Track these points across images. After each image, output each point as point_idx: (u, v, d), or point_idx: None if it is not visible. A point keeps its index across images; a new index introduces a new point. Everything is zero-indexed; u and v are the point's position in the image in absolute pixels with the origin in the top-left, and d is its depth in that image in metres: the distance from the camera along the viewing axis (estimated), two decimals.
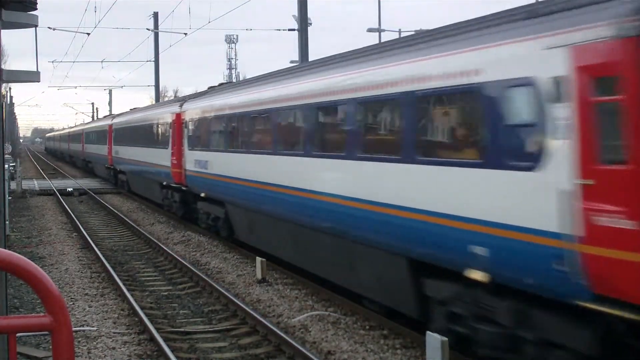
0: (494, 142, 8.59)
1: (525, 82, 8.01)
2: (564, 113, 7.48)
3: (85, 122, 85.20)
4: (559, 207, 7.55)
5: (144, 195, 33.36)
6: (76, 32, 41.44)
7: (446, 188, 9.51)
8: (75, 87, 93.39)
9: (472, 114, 9.30)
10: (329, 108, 13.27)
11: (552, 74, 7.61)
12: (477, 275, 8.86)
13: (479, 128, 8.99)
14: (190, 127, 23.36)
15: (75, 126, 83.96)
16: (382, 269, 11.67)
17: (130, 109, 43.98)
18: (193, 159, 22.61)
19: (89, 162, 56.30)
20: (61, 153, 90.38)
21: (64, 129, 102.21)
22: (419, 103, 10.18)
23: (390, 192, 10.90)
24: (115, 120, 42.79)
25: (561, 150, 7.54)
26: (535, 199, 7.92)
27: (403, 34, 38.13)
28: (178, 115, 24.93)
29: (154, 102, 55.61)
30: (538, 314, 8.28)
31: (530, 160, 7.97)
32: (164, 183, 26.91)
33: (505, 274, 8.53)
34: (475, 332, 9.33)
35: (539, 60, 7.82)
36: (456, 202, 9.27)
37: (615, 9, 7.14)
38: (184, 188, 24.23)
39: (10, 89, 72.84)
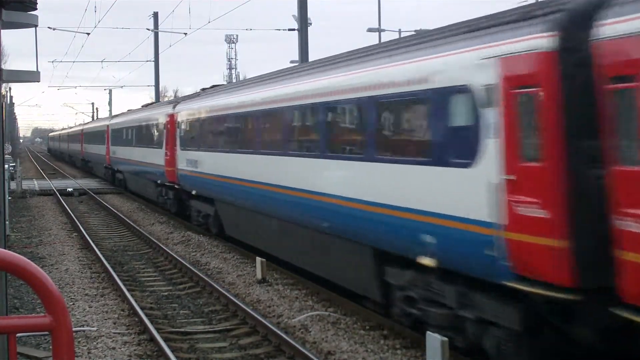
0: (439, 142, 9.77)
1: (463, 90, 9.13)
2: (493, 117, 8.61)
3: (85, 122, 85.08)
4: (489, 199, 8.68)
5: (140, 194, 34.21)
6: (76, 32, 41.52)
7: (401, 183, 10.68)
8: (75, 87, 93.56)
9: (422, 117, 10.43)
10: (303, 110, 14.41)
11: (485, 82, 8.73)
12: (426, 261, 9.94)
13: (426, 130, 10.20)
14: (183, 127, 24.35)
15: (75, 126, 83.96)
16: (350, 258, 12.74)
17: (128, 110, 44.87)
18: (185, 159, 23.61)
19: (88, 162, 57.13)
20: (69, 156, 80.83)
21: (68, 127, 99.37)
22: (379, 107, 11.37)
23: (355, 188, 12.01)
24: (113, 121, 43.77)
25: (491, 149, 8.66)
26: (472, 193, 9.01)
27: (403, 34, 38.15)
28: (171, 116, 25.78)
29: (154, 102, 55.62)
30: (477, 295, 9.33)
31: (467, 158, 9.05)
32: (159, 182, 27.85)
33: (449, 260, 9.62)
34: (427, 314, 10.42)
35: (474, 70, 8.94)
36: (409, 195, 10.40)
37: (531, 28, 8.28)
38: (177, 186, 25.17)
39: (10, 89, 72.90)
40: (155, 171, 27.82)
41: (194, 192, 22.82)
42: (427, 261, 9.89)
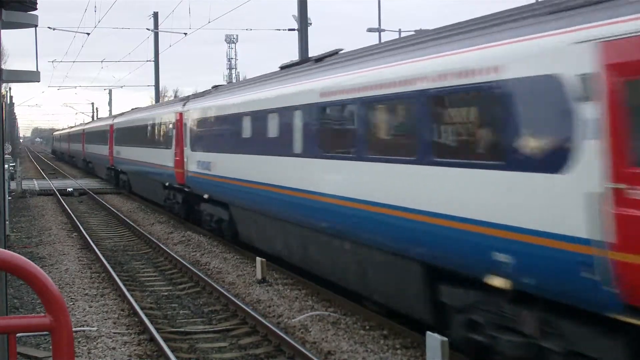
0: (519, 143, 8.48)
1: (552, 80, 7.93)
2: (593, 113, 7.50)
3: (86, 122, 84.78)
4: (589, 211, 7.44)
5: (146, 196, 33.23)
6: (76, 32, 41.53)
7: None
8: (75, 87, 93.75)
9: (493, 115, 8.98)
10: (343, 107, 12.75)
11: (582, 71, 7.43)
12: (500, 283, 8.86)
13: (501, 129, 8.62)
14: (194, 127, 22.96)
15: (76, 126, 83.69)
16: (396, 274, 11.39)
17: (132, 109, 43.66)
18: (196, 160, 22.31)
19: (89, 162, 56.18)
20: (70, 157, 77.05)
21: (68, 127, 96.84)
22: (434, 102, 9.97)
23: (409, 195, 10.56)
24: (117, 120, 42.38)
25: (591, 151, 7.36)
26: (565, 203, 7.72)
27: (403, 34, 38.10)
28: (181, 115, 24.62)
29: (154, 102, 55.59)
30: (565, 323, 8.17)
31: (558, 162, 7.83)
32: (167, 184, 26.75)
33: (531, 282, 8.29)
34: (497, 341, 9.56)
35: (567, 56, 7.73)
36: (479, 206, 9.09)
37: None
38: (186, 189, 23.98)
39: (10, 89, 72.86)
40: (163, 172, 26.70)
41: (206, 196, 21.42)
42: (499, 282, 8.51)
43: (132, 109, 43.05)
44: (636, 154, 6.80)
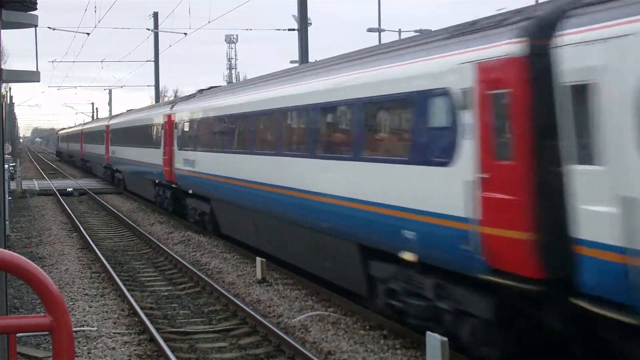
0: (420, 142, 10.60)
1: (442, 93, 9.95)
2: (469, 118, 9.45)
3: (84, 122, 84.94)
4: (465, 196, 9.39)
5: (139, 194, 34.65)
6: (76, 32, 41.57)
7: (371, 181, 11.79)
8: (75, 87, 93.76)
9: (404, 119, 11.24)
10: (298, 112, 14.98)
11: (462, 86, 9.47)
12: (409, 256, 10.75)
13: (409, 130, 11.01)
14: (180, 128, 25.05)
15: (75, 126, 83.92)
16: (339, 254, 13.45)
17: (127, 110, 45.44)
18: (182, 158, 24.27)
19: (87, 161, 57.72)
20: (69, 156, 75.02)
21: (68, 127, 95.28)
22: (366, 109, 12.20)
23: (344, 187, 12.73)
24: (112, 121, 44.39)
25: (467, 149, 9.45)
26: (450, 190, 9.74)
27: (403, 35, 38.13)
28: (169, 117, 26.42)
29: (154, 102, 55.80)
30: (453, 288, 10.04)
31: (444, 157, 9.92)
32: (157, 181, 28.57)
33: (429, 254, 10.32)
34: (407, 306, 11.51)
35: (453, 74, 9.74)
36: (392, 193, 11.15)
37: (503, 35, 9.10)
38: (174, 185, 25.91)
39: (10, 89, 72.80)
40: (154, 171, 28.44)
41: (190, 191, 23.67)
42: (408, 256, 10.59)
43: (127, 111, 45.15)
44: (496, 150, 8.88)
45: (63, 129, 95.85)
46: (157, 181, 28.61)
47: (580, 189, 7.71)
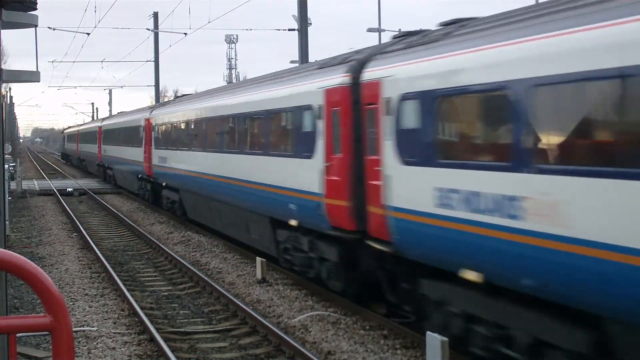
0: (296, 142, 14.61)
1: (309, 108, 13.94)
2: (322, 126, 13.40)
3: (83, 122, 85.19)
4: (319, 178, 13.37)
5: (127, 188, 38.62)
6: (76, 32, 41.54)
7: (274, 170, 15.84)
8: (75, 87, 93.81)
9: (287, 126, 15.50)
10: (231, 119, 19.30)
11: (319, 103, 13.46)
12: (293, 222, 14.73)
13: (290, 133, 15.11)
14: (157, 129, 29.41)
15: (73, 126, 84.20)
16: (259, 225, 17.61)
17: (118, 113, 50.66)
18: (158, 156, 28.66)
19: (83, 160, 61.86)
20: (68, 156, 73.20)
21: (72, 126, 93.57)
22: (266, 118, 16.57)
23: (258, 174, 16.83)
24: (104, 123, 48.84)
25: (320, 146, 13.42)
26: (312, 174, 13.67)
27: None
28: (148, 120, 30.88)
29: (154, 102, 56.15)
30: (318, 242, 14.16)
31: (309, 152, 13.82)
32: (139, 176, 33.08)
33: (303, 219, 14.37)
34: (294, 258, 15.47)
35: (314, 95, 13.70)
36: (282, 178, 15.26)
37: (338, 70, 13.21)
38: (152, 179, 30.47)
39: (10, 89, 72.83)
40: (137, 167, 32.91)
41: (164, 184, 28.13)
42: (293, 222, 14.75)
43: (118, 113, 50.62)
44: (333, 147, 12.94)
45: (69, 127, 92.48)
46: (139, 176, 33.06)
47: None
